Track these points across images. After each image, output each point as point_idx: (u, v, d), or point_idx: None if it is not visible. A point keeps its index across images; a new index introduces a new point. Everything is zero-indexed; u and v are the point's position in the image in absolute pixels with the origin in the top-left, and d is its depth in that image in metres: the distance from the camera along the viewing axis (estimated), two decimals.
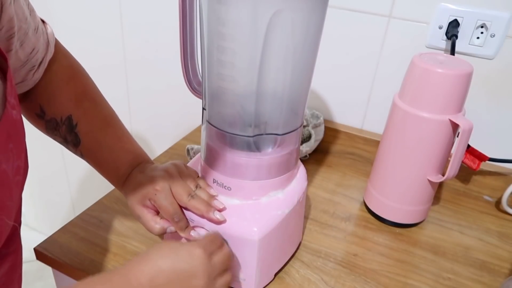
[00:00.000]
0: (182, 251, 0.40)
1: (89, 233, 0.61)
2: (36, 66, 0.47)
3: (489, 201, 0.73)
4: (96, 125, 0.52)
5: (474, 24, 0.68)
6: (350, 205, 0.70)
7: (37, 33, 0.45)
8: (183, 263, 0.39)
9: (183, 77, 0.53)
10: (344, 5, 0.76)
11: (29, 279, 1.49)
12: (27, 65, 0.45)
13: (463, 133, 0.55)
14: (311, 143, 0.77)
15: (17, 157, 0.36)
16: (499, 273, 0.58)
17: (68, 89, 0.51)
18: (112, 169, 0.53)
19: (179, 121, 1.07)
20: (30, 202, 1.67)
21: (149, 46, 1.02)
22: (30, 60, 0.45)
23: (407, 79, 0.58)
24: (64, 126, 0.51)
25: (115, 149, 0.53)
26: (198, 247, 0.41)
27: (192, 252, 0.40)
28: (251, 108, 0.48)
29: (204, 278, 0.40)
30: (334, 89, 0.85)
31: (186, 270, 0.39)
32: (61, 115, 0.50)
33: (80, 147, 0.52)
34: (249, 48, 0.44)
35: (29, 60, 0.45)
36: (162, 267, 0.38)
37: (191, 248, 0.41)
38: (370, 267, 0.58)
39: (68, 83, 0.52)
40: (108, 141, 0.53)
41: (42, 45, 0.47)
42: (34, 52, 0.45)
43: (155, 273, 0.38)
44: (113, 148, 0.53)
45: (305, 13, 0.43)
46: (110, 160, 0.53)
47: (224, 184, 0.51)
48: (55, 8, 1.11)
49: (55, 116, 0.50)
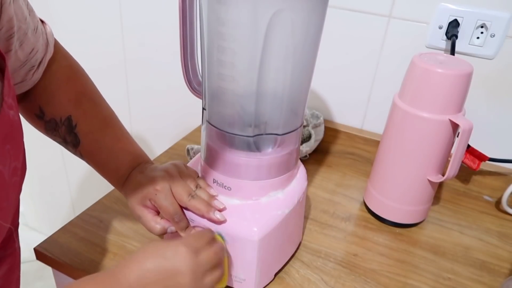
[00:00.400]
0: (168, 250, 0.40)
1: (89, 233, 0.61)
2: (35, 66, 0.47)
3: (489, 201, 0.73)
4: (95, 125, 0.52)
5: (474, 24, 0.68)
6: (350, 205, 0.70)
7: (36, 33, 0.45)
8: (168, 261, 0.39)
9: (183, 77, 0.53)
10: (344, 5, 0.76)
11: (29, 279, 1.49)
12: (26, 65, 0.45)
13: (463, 133, 0.55)
14: (311, 143, 0.77)
15: (15, 158, 0.36)
16: (499, 273, 0.58)
17: (67, 89, 0.51)
18: (112, 170, 0.53)
19: (179, 121, 1.07)
20: (30, 202, 1.67)
21: (149, 46, 1.02)
22: (29, 60, 0.45)
23: (407, 79, 0.58)
24: (64, 126, 0.51)
25: (115, 149, 0.53)
26: (183, 245, 0.41)
27: (177, 250, 0.40)
28: (251, 108, 0.48)
29: (189, 275, 0.40)
30: (334, 89, 0.85)
31: (171, 268, 0.39)
32: (60, 115, 0.50)
33: (79, 148, 0.52)
34: (249, 48, 0.44)
35: (28, 60, 0.45)
36: (148, 267, 0.39)
37: (176, 246, 0.40)
38: (370, 267, 0.58)
39: (67, 83, 0.51)
40: (108, 142, 0.53)
41: (41, 45, 0.47)
42: (33, 52, 0.45)
43: (142, 273, 0.38)
44: (112, 149, 0.53)
45: (305, 13, 0.43)
46: (110, 160, 0.53)
47: (224, 184, 0.51)
48: (56, 8, 1.11)
49: (55, 117, 0.50)
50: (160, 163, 0.78)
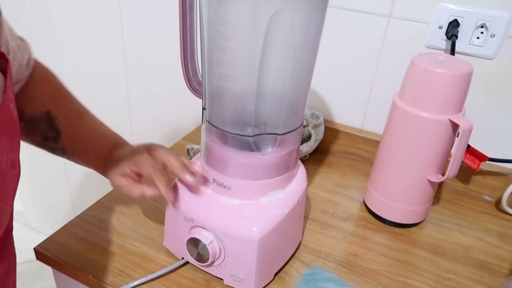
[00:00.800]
0: None
1: (89, 233, 0.61)
2: (19, 81, 0.49)
3: (489, 201, 0.73)
4: (73, 116, 0.56)
5: (474, 24, 0.68)
6: (350, 205, 0.70)
7: (19, 49, 0.48)
8: None
9: (183, 77, 0.54)
10: (344, 5, 0.76)
11: (29, 279, 1.49)
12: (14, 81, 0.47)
13: (463, 133, 0.55)
14: (311, 143, 0.77)
15: (11, 151, 0.37)
16: (499, 273, 0.58)
17: (45, 89, 0.54)
18: (93, 154, 0.57)
19: (179, 122, 1.07)
20: (30, 202, 1.67)
21: (149, 49, 1.02)
22: (19, 75, 0.48)
23: (407, 79, 0.58)
24: (44, 121, 0.53)
25: (94, 135, 0.57)
26: None
27: None
28: (251, 108, 0.48)
29: None
30: (334, 89, 0.85)
31: None
32: (39, 112, 0.53)
33: (60, 140, 0.54)
34: (249, 48, 0.44)
35: (18, 76, 0.47)
36: None
37: None
38: (370, 267, 0.58)
39: (45, 83, 0.54)
40: (87, 129, 0.57)
41: (25, 61, 0.49)
42: (21, 69, 0.48)
43: None
44: (92, 134, 0.57)
45: (305, 13, 0.43)
46: (91, 145, 0.56)
47: (224, 184, 0.51)
48: (56, 12, 1.11)
49: (34, 114, 0.52)
50: None
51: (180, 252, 0.56)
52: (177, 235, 0.54)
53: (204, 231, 0.50)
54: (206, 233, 0.50)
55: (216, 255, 0.50)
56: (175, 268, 0.55)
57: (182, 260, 0.56)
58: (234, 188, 0.50)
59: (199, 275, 0.54)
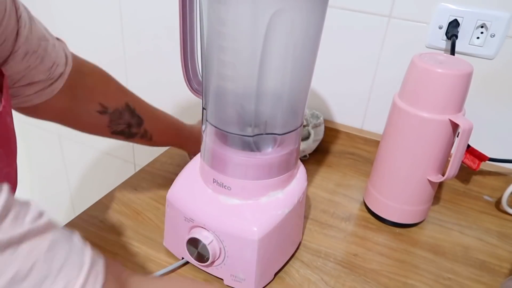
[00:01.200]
0: None
1: (89, 233, 0.61)
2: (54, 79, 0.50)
3: (489, 201, 0.73)
4: (143, 103, 0.63)
5: (474, 24, 0.68)
6: (350, 205, 0.70)
7: (55, 48, 0.49)
8: None
9: (183, 77, 0.54)
10: (344, 5, 0.76)
11: None
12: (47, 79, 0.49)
13: (463, 133, 0.55)
14: (309, 142, 0.77)
15: (6, 164, 0.37)
16: (499, 273, 0.58)
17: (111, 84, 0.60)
18: (175, 130, 0.68)
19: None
20: None
21: (148, 41, 1.02)
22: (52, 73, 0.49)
23: (407, 79, 0.58)
24: (127, 112, 0.60)
25: (167, 116, 0.68)
26: None
27: None
28: (251, 108, 0.48)
29: None
30: (334, 89, 0.85)
31: None
32: (120, 105, 0.59)
33: (144, 125, 0.62)
34: (249, 47, 0.44)
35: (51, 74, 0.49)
36: None
37: None
38: (370, 267, 0.58)
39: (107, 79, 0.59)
40: (159, 113, 0.66)
41: (61, 59, 0.50)
42: (54, 67, 0.49)
43: None
44: (165, 117, 0.67)
45: (305, 13, 0.43)
46: (170, 123, 0.68)
47: (224, 184, 0.51)
48: (56, 5, 1.11)
49: (117, 107, 0.59)
50: (160, 163, 0.78)
51: (180, 252, 0.56)
52: (177, 235, 0.54)
53: (204, 231, 0.50)
54: (206, 233, 0.50)
55: (216, 255, 0.50)
56: (175, 268, 0.55)
57: (182, 260, 0.56)
58: (234, 188, 0.50)
59: (199, 275, 0.54)
